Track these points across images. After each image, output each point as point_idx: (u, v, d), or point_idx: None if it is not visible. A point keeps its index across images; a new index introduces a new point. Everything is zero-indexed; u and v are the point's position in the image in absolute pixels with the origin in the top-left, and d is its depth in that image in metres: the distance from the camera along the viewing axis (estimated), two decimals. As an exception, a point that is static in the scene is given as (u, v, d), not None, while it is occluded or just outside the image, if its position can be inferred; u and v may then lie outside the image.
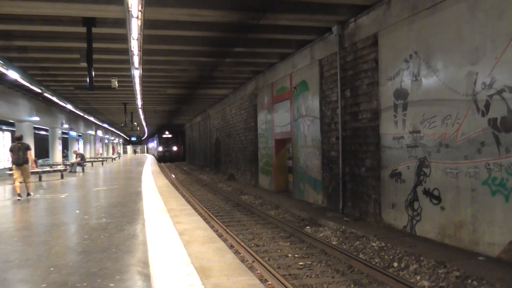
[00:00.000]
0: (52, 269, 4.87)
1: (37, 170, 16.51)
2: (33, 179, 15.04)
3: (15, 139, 12.49)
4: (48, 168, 22.88)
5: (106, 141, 66.60)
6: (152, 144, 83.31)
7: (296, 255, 8.35)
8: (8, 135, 27.86)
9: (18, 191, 11.67)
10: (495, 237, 6.86)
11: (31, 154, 12.53)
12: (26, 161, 12.01)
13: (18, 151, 11.92)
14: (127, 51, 10.65)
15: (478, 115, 7.11)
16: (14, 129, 24.89)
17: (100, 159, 40.25)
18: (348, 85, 11.33)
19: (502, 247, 6.72)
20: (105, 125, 48.15)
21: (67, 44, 12.54)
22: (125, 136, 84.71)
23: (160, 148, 59.61)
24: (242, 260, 7.79)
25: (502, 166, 6.68)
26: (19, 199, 11.51)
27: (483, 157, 7.04)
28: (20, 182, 11.85)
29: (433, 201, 8.25)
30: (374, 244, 8.48)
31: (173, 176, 29.75)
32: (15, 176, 11.87)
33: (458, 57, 7.55)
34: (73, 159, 26.76)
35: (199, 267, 4.71)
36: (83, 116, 33.17)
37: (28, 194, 12.16)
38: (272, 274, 6.79)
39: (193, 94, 25.07)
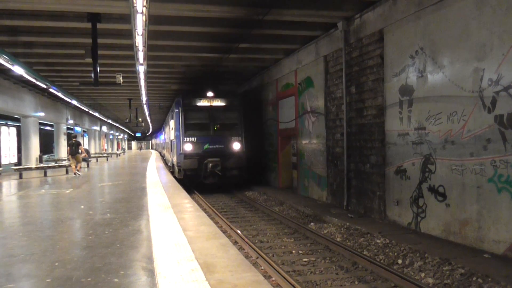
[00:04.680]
0: (56, 264, 4.89)
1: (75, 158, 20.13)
2: (38, 174, 19.21)
3: (72, 137, 19.27)
4: (53, 164, 22.98)
5: (111, 136, 66.63)
6: (165, 136, 33.01)
7: (300, 252, 8.35)
8: (13, 130, 27.99)
9: (74, 171, 18.07)
10: (500, 235, 6.82)
11: (82, 148, 18.96)
12: (78, 152, 18.19)
13: (73, 146, 18.22)
14: (132, 47, 10.64)
15: (484, 112, 7.06)
16: (20, 125, 25.02)
17: (105, 155, 40.39)
18: (353, 81, 11.27)
19: (508, 245, 6.68)
20: (110, 121, 48.26)
21: (72, 39, 12.55)
22: (129, 132, 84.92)
23: (188, 146, 17.42)
24: (246, 256, 7.79)
25: (508, 163, 6.63)
26: (74, 174, 17.99)
27: (489, 154, 6.98)
28: (74, 167, 18.09)
29: (438, 198, 8.21)
30: (378, 241, 8.46)
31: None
32: (71, 162, 18.36)
33: (464, 53, 7.49)
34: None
35: (203, 263, 4.71)
36: (88, 112, 33.26)
37: (75, 173, 18.05)
38: (276, 271, 6.79)
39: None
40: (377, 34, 10.07)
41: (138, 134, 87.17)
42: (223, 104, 18.01)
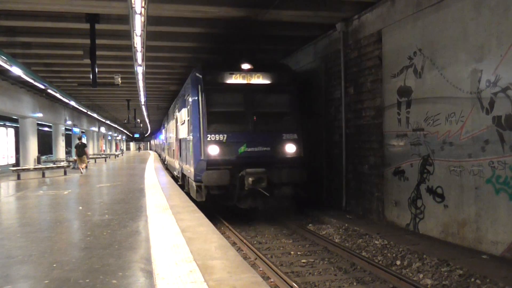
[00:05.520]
0: (55, 265, 4.88)
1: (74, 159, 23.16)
2: (36, 175, 19.21)
3: (78, 139, 21.87)
4: (51, 165, 22.94)
5: (109, 137, 66.52)
6: (167, 134, 26.42)
7: (298, 253, 8.34)
8: (11, 131, 27.94)
9: (80, 170, 19.99)
10: (498, 236, 6.83)
11: (87, 150, 21.10)
12: (84, 153, 20.15)
13: (79, 147, 20.14)
14: (130, 48, 10.64)
15: (483, 113, 7.07)
16: (18, 125, 24.97)
17: (103, 156, 40.34)
18: (351, 82, 11.28)
19: (506, 246, 6.68)
20: (108, 122, 48.20)
21: (70, 40, 12.54)
22: (128, 133, 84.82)
23: (214, 148, 10.70)
24: (245, 257, 7.78)
25: (506, 164, 6.64)
26: (81, 173, 19.66)
27: (487, 155, 6.99)
28: (80, 166, 20.10)
29: (437, 199, 8.21)
30: (377, 242, 8.46)
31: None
32: (78, 162, 20.35)
33: (462, 55, 7.50)
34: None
35: (202, 264, 4.71)
36: (86, 113, 33.22)
37: (82, 172, 19.90)
38: (275, 272, 6.79)
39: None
40: (376, 35, 10.08)
41: (136, 135, 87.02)
42: (267, 81, 11.47)
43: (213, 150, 10.51)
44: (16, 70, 13.56)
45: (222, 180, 10.31)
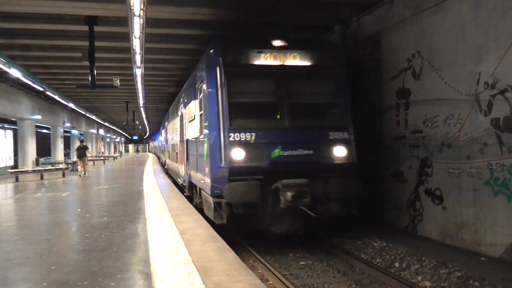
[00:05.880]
0: (53, 267, 4.86)
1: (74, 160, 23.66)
2: (34, 177, 19.17)
3: (80, 141, 22.71)
4: (49, 167, 22.92)
5: (108, 139, 66.49)
6: (168, 135, 23.58)
7: (297, 255, 8.33)
8: (10, 133, 27.91)
9: (79, 172, 20.09)
10: (497, 238, 6.83)
11: (89, 151, 21.96)
12: (85, 155, 20.39)
13: (80, 150, 20.20)
14: (129, 50, 10.64)
15: (481, 115, 7.08)
16: (16, 127, 24.94)
17: (102, 158, 40.30)
18: (350, 84, 11.26)
19: (504, 248, 6.69)
20: (107, 124, 48.17)
21: (69, 42, 12.54)
22: (126, 135, 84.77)
23: (238, 152, 7.94)
24: (244, 260, 7.77)
25: (505, 166, 6.65)
26: (80, 176, 19.63)
27: (486, 157, 7.00)
28: (83, 167, 20.26)
29: (435, 201, 8.22)
30: (375, 244, 8.46)
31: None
32: (79, 164, 20.50)
33: (461, 57, 7.52)
34: (75, 157, 26.79)
35: (200, 266, 4.70)
36: (85, 115, 33.19)
37: (85, 173, 20.10)
38: (273, 274, 6.78)
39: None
40: (374, 37, 10.10)
41: (135, 137, 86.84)
42: (307, 62, 8.83)
43: (238, 154, 7.87)
44: (15, 72, 13.56)
45: (252, 196, 7.61)
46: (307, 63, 8.75)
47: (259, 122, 8.29)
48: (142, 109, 27.88)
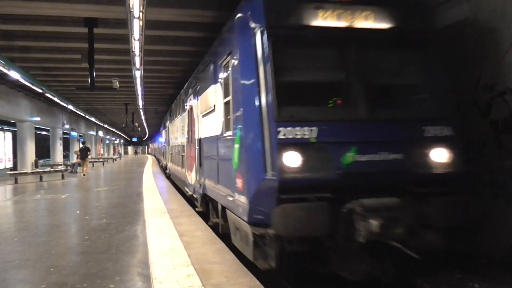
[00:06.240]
0: (52, 269, 4.87)
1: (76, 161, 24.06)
2: (33, 179, 19.28)
3: (82, 143, 25.33)
4: (49, 169, 22.91)
5: (107, 141, 66.47)
6: (169, 135, 20.32)
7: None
8: (9, 135, 27.89)
9: (83, 173, 21.06)
10: (496, 239, 6.82)
11: (90, 153, 23.32)
12: (87, 157, 21.73)
13: (82, 151, 21.73)
14: (128, 52, 10.66)
15: (480, 117, 7.07)
16: (15, 129, 24.94)
17: (101, 160, 40.28)
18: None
19: (504, 250, 6.68)
20: (106, 126, 48.17)
21: (69, 44, 12.55)
22: (126, 137, 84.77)
23: (293, 157, 4.88)
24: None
25: (503, 168, 6.64)
26: (84, 175, 20.71)
27: (484, 159, 6.99)
28: (83, 169, 21.39)
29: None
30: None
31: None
32: (81, 165, 21.83)
33: (459, 58, 7.51)
34: (74, 159, 26.79)
35: (199, 268, 4.70)
36: (84, 117, 33.20)
37: (84, 174, 20.94)
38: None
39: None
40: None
41: (134, 139, 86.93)
42: (387, 24, 5.81)
43: (292, 160, 4.98)
44: (14, 74, 13.57)
45: (317, 225, 4.82)
46: (387, 24, 5.82)
47: (322, 111, 5.46)
48: (141, 111, 27.92)
